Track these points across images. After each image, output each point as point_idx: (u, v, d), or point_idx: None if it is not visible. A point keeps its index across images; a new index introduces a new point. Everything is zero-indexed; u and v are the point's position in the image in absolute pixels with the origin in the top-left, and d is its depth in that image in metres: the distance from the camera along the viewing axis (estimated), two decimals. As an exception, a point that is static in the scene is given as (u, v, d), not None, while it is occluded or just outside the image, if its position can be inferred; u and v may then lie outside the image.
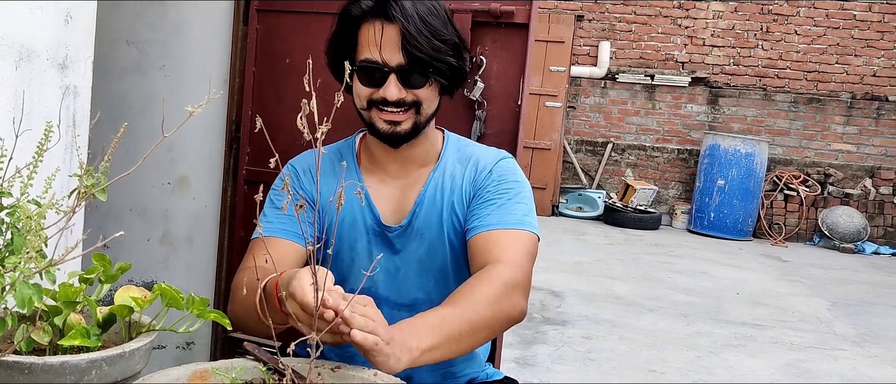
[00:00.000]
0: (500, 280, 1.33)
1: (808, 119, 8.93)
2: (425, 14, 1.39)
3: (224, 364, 1.17)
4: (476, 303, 1.29)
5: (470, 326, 1.28)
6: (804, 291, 5.90)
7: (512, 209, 1.46)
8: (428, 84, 1.42)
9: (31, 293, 0.78)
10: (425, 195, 1.50)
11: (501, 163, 1.53)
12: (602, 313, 4.67)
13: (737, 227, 8.36)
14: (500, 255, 1.39)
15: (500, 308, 1.33)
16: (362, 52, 1.41)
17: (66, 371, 1.11)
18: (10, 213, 0.91)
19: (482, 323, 1.30)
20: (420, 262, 1.51)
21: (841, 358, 4.17)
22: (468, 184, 1.51)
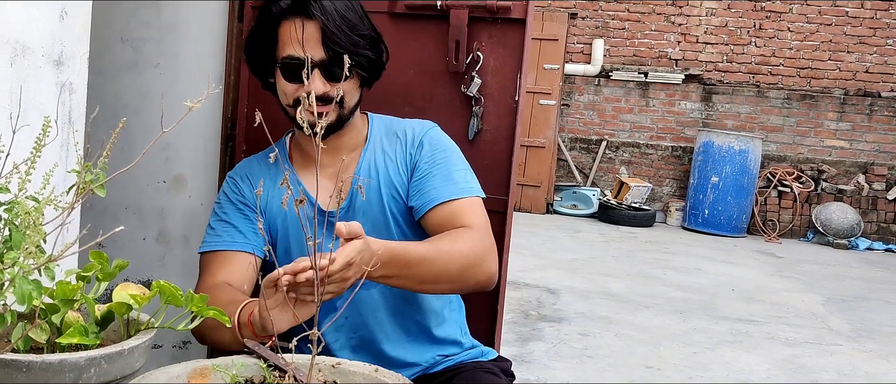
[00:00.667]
0: (471, 237, 1.43)
1: (802, 116, 8.95)
2: (343, 10, 1.45)
3: (224, 361, 1.16)
4: (451, 256, 1.39)
5: (435, 275, 1.39)
6: (799, 287, 5.92)
7: (455, 177, 1.53)
8: (349, 77, 1.48)
9: (30, 289, 0.77)
10: (360, 174, 1.56)
11: (429, 133, 1.59)
12: (598, 310, 4.68)
13: (731, 224, 8.38)
14: (467, 221, 1.46)
15: (465, 258, 1.41)
16: (284, 48, 1.46)
17: (65, 369, 1.10)
18: (8, 209, 0.90)
19: (451, 275, 1.40)
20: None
21: (836, 353, 4.18)
22: (401, 157, 1.57)
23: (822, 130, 8.94)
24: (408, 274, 1.36)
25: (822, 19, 8.89)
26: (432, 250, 1.39)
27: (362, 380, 1.17)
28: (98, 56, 2.25)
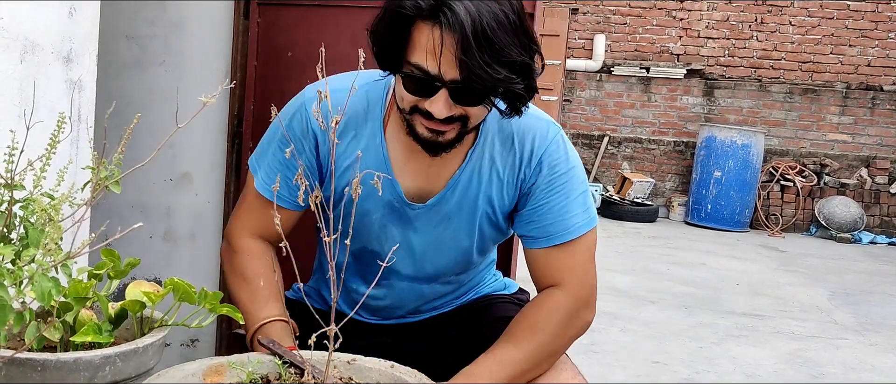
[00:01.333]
0: (564, 310, 1.34)
1: (804, 110, 8.94)
2: (491, 25, 1.16)
3: (240, 358, 1.15)
4: (543, 341, 1.32)
5: (536, 363, 1.32)
6: (803, 281, 5.91)
7: (570, 211, 1.36)
8: (482, 103, 1.25)
9: (50, 287, 0.76)
10: (460, 179, 1.39)
11: (550, 150, 1.38)
12: (603, 306, 4.66)
13: (734, 219, 8.37)
14: (565, 276, 1.36)
15: (565, 336, 1.35)
16: (415, 54, 1.21)
17: (79, 367, 1.09)
18: (24, 207, 0.89)
19: (549, 355, 1.34)
20: (440, 242, 1.45)
21: (842, 347, 4.18)
22: (510, 175, 1.39)
23: (825, 124, 8.93)
24: None
25: (823, 13, 8.88)
26: (534, 357, 1.31)
27: (378, 376, 1.17)
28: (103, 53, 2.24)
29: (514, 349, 1.31)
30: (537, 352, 1.32)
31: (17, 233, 0.91)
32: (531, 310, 1.37)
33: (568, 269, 1.36)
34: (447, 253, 1.46)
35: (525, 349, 1.31)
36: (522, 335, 1.33)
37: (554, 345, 1.34)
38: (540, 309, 1.35)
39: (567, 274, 1.36)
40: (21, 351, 0.96)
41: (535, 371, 1.34)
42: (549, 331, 1.33)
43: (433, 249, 1.45)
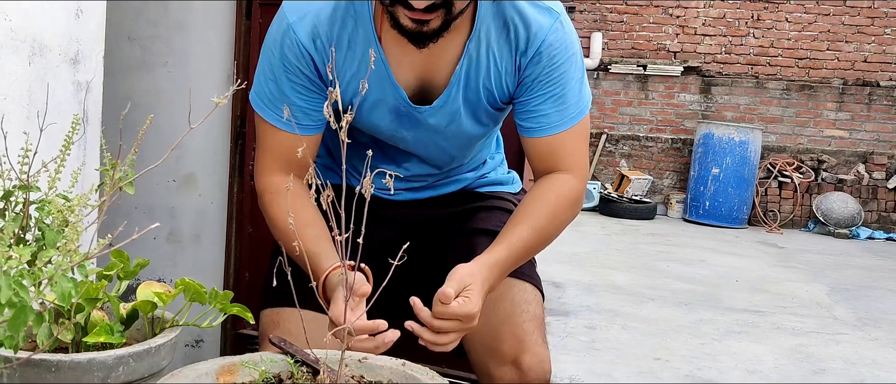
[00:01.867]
0: (570, 197, 1.40)
1: (801, 106, 8.96)
2: None
3: (252, 357, 1.16)
4: (546, 224, 1.37)
5: (536, 245, 1.39)
6: (802, 277, 5.93)
7: (568, 100, 1.38)
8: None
9: (70, 287, 0.76)
10: (460, 74, 1.37)
11: (549, 40, 1.34)
12: (603, 303, 4.68)
13: (732, 215, 8.39)
14: (566, 162, 1.41)
15: (564, 221, 1.41)
16: None
17: (93, 368, 1.09)
18: (40, 208, 0.89)
19: (547, 239, 1.40)
20: (450, 135, 1.47)
21: (843, 342, 4.19)
22: (509, 64, 1.37)
23: (822, 120, 8.95)
24: (516, 266, 1.40)
25: (819, 9, 8.89)
26: (536, 236, 1.37)
27: (390, 374, 1.17)
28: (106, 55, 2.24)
29: (520, 232, 1.36)
30: (537, 234, 1.38)
31: (32, 234, 0.91)
32: (543, 196, 1.41)
33: (570, 156, 1.42)
34: (457, 141, 1.51)
35: (530, 229, 1.37)
36: (532, 215, 1.38)
37: (555, 231, 1.42)
38: (549, 193, 1.40)
39: (569, 159, 1.42)
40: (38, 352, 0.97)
41: (535, 250, 1.42)
42: (556, 215, 1.39)
43: (444, 140, 1.49)
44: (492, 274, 1.31)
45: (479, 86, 1.38)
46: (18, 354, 1.02)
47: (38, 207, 0.88)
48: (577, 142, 1.43)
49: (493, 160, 1.71)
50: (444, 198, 1.63)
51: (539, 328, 1.51)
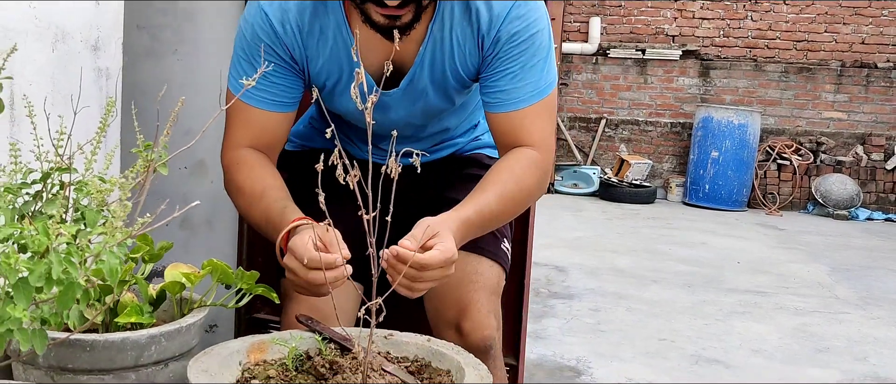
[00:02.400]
0: (536, 169, 1.41)
1: (799, 88, 8.98)
2: None
3: (282, 335, 1.18)
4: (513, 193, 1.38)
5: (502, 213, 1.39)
6: (803, 258, 5.97)
7: (530, 76, 1.40)
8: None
9: (117, 263, 0.78)
10: (425, 54, 1.41)
11: (510, 17, 1.37)
12: (607, 286, 4.71)
13: (732, 198, 8.42)
14: (529, 137, 1.42)
15: (530, 191, 1.42)
16: None
17: (126, 347, 1.12)
18: (78, 189, 0.91)
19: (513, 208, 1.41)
20: (419, 112, 1.53)
21: (845, 321, 4.23)
22: (472, 45, 1.41)
23: (820, 103, 8.97)
24: (484, 231, 1.40)
25: (817, -9, 8.90)
26: (502, 201, 1.38)
27: (416, 350, 1.20)
28: (118, 43, 2.25)
29: (487, 200, 1.36)
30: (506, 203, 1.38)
31: (70, 216, 0.93)
32: (508, 166, 1.42)
33: (531, 131, 1.43)
34: (427, 117, 1.56)
35: (496, 198, 1.37)
36: (499, 187, 1.39)
37: (520, 202, 1.42)
38: (515, 165, 1.41)
39: (531, 135, 1.43)
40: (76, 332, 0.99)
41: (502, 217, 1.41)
42: (518, 179, 1.39)
43: (415, 118, 1.54)
44: (458, 228, 1.30)
45: (445, 66, 1.43)
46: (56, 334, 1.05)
47: (76, 188, 0.90)
48: (541, 118, 1.43)
49: (478, 126, 1.75)
50: (434, 164, 1.68)
51: (488, 298, 1.55)
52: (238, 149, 1.45)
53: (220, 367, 1.05)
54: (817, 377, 3.33)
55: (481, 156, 1.71)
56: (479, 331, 1.50)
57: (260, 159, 1.43)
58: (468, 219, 1.33)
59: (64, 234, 0.75)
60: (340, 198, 1.09)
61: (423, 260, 1.18)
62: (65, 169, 0.90)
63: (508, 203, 1.39)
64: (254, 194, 1.39)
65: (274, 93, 1.43)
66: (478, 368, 1.10)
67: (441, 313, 1.53)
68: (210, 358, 1.08)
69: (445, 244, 1.22)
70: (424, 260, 1.18)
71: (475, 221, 1.35)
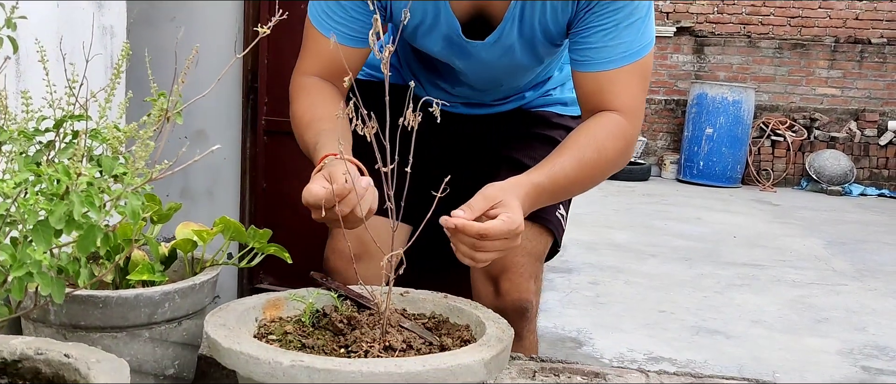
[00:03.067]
0: (620, 137, 1.32)
1: (793, 64, 8.97)
2: None
3: (298, 292, 1.16)
4: (593, 160, 1.29)
5: (580, 180, 1.31)
6: (798, 232, 5.98)
7: (625, 35, 1.29)
8: None
9: (139, 205, 0.76)
10: (515, 11, 1.34)
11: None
12: (605, 260, 4.71)
13: (726, 175, 8.43)
14: (616, 101, 1.32)
15: (611, 160, 1.33)
16: None
17: (140, 304, 1.10)
18: (92, 137, 0.89)
19: (592, 176, 1.33)
20: (498, 65, 1.46)
21: (843, 292, 4.24)
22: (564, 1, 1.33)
23: (814, 79, 8.97)
24: (556, 199, 1.35)
25: (811, -33, 8.88)
26: (579, 168, 1.29)
27: (433, 306, 1.18)
28: (116, 10, 2.21)
29: (566, 163, 1.29)
30: (584, 169, 1.31)
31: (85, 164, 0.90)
32: (585, 127, 1.33)
33: (618, 93, 1.33)
34: (511, 72, 1.50)
35: (574, 163, 1.29)
36: (572, 145, 1.31)
37: (600, 170, 1.34)
38: (597, 132, 1.32)
39: (617, 98, 1.33)
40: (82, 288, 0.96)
41: (579, 185, 1.34)
42: (599, 145, 1.31)
43: (497, 71, 1.48)
44: (527, 194, 1.22)
45: (534, 22, 1.35)
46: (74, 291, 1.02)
47: (91, 136, 0.88)
48: (632, 82, 1.33)
49: (561, 73, 1.64)
50: (499, 117, 1.62)
51: (531, 262, 1.50)
52: (305, 76, 1.42)
53: (237, 322, 1.03)
54: (817, 346, 3.34)
55: (550, 114, 1.63)
56: (516, 293, 1.47)
57: (321, 88, 1.40)
58: (539, 185, 1.25)
59: (84, 175, 0.73)
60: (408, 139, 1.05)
61: (483, 229, 1.12)
62: (79, 116, 0.87)
63: (587, 171, 1.31)
64: (302, 124, 1.37)
65: (352, 27, 1.36)
66: (498, 322, 1.08)
67: (480, 271, 1.49)
68: (227, 313, 1.06)
69: (510, 214, 1.14)
70: (484, 229, 1.12)
71: (547, 188, 1.27)
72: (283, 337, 1.07)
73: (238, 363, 0.92)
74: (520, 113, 1.63)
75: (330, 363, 0.88)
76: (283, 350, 0.94)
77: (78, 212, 0.70)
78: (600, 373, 1.38)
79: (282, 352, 0.91)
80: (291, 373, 0.88)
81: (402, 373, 0.88)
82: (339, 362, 0.89)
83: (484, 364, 0.94)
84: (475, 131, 1.63)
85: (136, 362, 1.12)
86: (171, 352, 1.16)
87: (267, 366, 0.89)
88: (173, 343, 1.16)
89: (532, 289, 1.52)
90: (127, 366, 0.92)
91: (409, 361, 0.90)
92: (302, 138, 1.37)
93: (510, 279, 1.47)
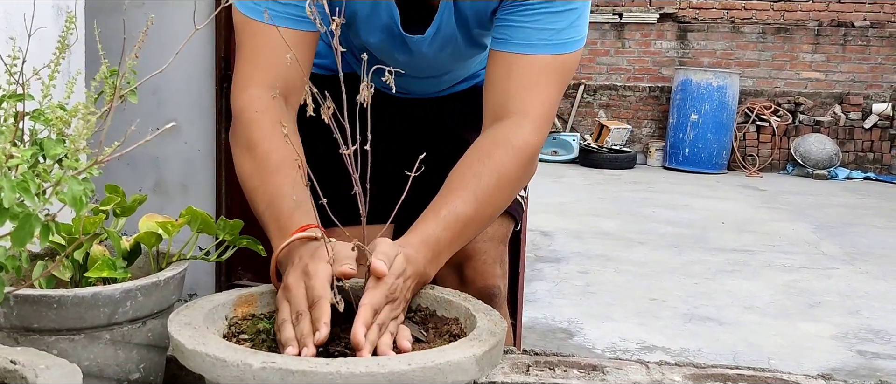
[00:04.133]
0: (521, 151, 1.13)
1: (777, 49, 8.94)
2: None
3: (271, 288, 1.07)
4: (491, 196, 1.10)
5: (480, 218, 1.11)
6: (786, 217, 5.94)
7: (551, 21, 1.15)
8: None
9: (81, 190, 0.67)
10: (448, 4, 1.22)
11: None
12: (593, 249, 4.64)
13: (712, 161, 8.39)
14: (524, 97, 1.15)
15: (513, 183, 1.14)
16: None
17: (98, 303, 1.00)
18: (34, 117, 0.79)
19: (494, 207, 1.13)
20: (441, 57, 1.33)
21: (834, 276, 4.20)
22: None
23: (798, 63, 8.94)
24: (456, 246, 1.10)
25: (793, -49, 8.85)
26: (477, 207, 1.09)
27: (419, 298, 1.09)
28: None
29: (459, 205, 1.08)
30: (483, 205, 1.10)
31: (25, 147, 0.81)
32: (478, 149, 1.14)
33: (529, 88, 1.16)
34: (455, 61, 1.39)
35: (468, 203, 1.08)
36: (465, 176, 1.11)
37: (501, 199, 1.14)
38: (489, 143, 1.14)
39: (526, 93, 1.16)
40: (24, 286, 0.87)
41: (481, 221, 1.13)
42: (495, 172, 1.11)
43: (443, 62, 1.37)
44: (416, 254, 1.02)
45: (466, 7, 1.23)
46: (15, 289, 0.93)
47: (32, 117, 0.78)
48: (548, 79, 1.17)
49: None
50: (454, 97, 1.52)
51: (495, 247, 1.43)
52: (253, 87, 1.16)
53: (204, 321, 0.94)
54: (812, 331, 3.28)
55: None
56: (482, 280, 1.41)
57: (282, 113, 1.15)
58: (430, 238, 1.05)
59: (16, 156, 0.64)
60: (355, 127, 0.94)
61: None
62: (19, 96, 0.78)
63: (485, 207, 1.11)
64: (267, 164, 1.11)
65: (296, 6, 1.15)
66: (489, 314, 1.00)
67: None
68: (193, 311, 0.97)
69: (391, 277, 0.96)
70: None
71: (445, 238, 1.06)
72: (256, 336, 0.99)
73: (203, 366, 0.83)
74: (475, 90, 1.50)
75: (305, 364, 0.79)
76: (254, 350, 0.85)
77: (8, 199, 0.61)
78: (598, 367, 1.30)
79: (252, 353, 0.82)
80: (262, 375, 0.79)
81: (386, 372, 0.79)
82: (316, 363, 0.80)
83: (476, 360, 0.85)
84: (429, 114, 1.52)
85: (97, 367, 1.03)
86: (136, 355, 1.07)
87: (235, 369, 0.80)
88: (137, 345, 1.06)
89: (498, 273, 1.45)
90: (79, 371, 0.83)
91: (393, 360, 0.82)
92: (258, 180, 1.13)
93: (474, 266, 1.41)
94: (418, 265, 1.01)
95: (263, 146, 1.13)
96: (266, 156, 1.12)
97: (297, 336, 0.91)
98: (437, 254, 1.06)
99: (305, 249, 1.01)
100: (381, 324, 0.93)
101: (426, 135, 1.50)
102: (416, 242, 1.04)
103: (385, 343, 0.91)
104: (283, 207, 1.08)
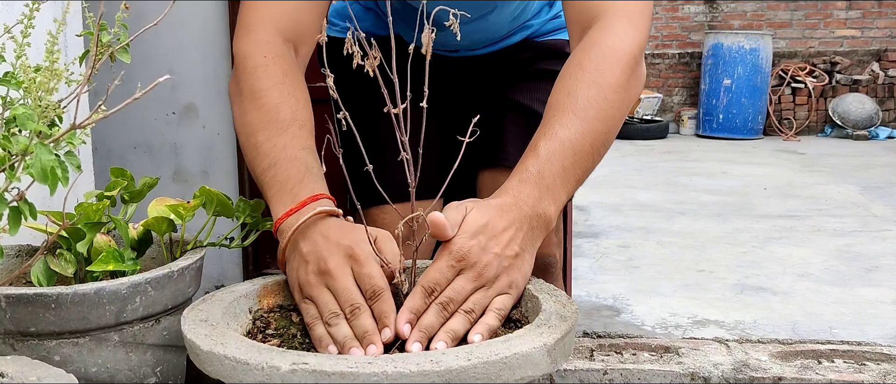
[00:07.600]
0: (625, 55, 0.95)
1: (810, 8, 8.63)
2: None
3: (300, 272, 0.93)
4: (600, 108, 0.92)
5: (596, 150, 0.94)
6: (830, 180, 5.72)
7: None
8: None
9: (51, 161, 0.54)
10: None
11: None
12: (632, 222, 4.47)
13: (747, 126, 8.14)
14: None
15: (626, 96, 0.96)
16: None
17: (103, 300, 0.87)
18: (5, 81, 0.66)
19: (611, 123, 0.94)
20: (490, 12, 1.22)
21: (889, 238, 3.99)
22: None
23: (832, 21, 8.63)
24: (577, 176, 0.93)
25: None
26: (582, 126, 0.91)
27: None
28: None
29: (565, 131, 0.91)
30: (592, 124, 0.92)
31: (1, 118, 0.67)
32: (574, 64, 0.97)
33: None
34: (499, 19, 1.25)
35: (575, 125, 0.92)
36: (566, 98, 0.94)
37: (621, 110, 0.96)
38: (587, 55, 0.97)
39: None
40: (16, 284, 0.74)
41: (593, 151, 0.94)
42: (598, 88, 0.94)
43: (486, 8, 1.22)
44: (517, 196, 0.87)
45: None
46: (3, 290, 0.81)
47: (4, 80, 0.65)
48: None
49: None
50: (501, 54, 1.34)
51: None
52: (262, 30, 1.00)
53: (223, 316, 0.80)
54: (872, 297, 3.10)
55: (560, 42, 1.32)
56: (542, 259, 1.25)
57: (292, 65, 1.00)
58: (531, 175, 0.88)
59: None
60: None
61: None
62: (-15, 57, 0.64)
63: (592, 120, 0.93)
64: (275, 119, 0.95)
65: None
66: (555, 295, 0.85)
67: None
68: (210, 304, 0.83)
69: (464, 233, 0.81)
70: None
71: (551, 170, 0.89)
72: (286, 331, 0.85)
73: (222, 370, 0.69)
74: (525, 44, 1.34)
75: (343, 364, 0.65)
76: (282, 350, 0.71)
77: (-43, 174, 0.48)
78: (671, 348, 1.16)
79: (279, 353, 0.69)
80: (292, 379, 0.66)
81: (441, 371, 0.65)
82: (357, 362, 0.66)
83: (547, 351, 0.71)
84: (474, 74, 1.34)
85: (106, 373, 0.90)
86: (151, 357, 0.94)
87: (259, 373, 0.66)
88: (152, 346, 0.94)
89: (553, 240, 1.28)
90: (75, 381, 0.70)
91: (449, 355, 0.68)
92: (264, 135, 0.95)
93: None
94: (520, 209, 0.84)
95: (272, 96, 0.96)
96: (274, 108, 0.95)
97: (357, 333, 0.76)
98: (547, 188, 0.87)
99: (328, 226, 0.86)
100: (444, 303, 0.77)
101: (474, 99, 1.35)
102: (513, 185, 0.87)
103: (452, 328, 0.76)
104: (291, 170, 0.92)
